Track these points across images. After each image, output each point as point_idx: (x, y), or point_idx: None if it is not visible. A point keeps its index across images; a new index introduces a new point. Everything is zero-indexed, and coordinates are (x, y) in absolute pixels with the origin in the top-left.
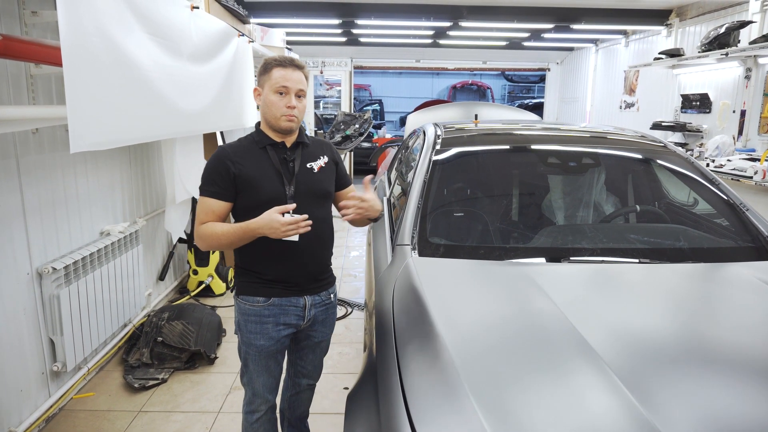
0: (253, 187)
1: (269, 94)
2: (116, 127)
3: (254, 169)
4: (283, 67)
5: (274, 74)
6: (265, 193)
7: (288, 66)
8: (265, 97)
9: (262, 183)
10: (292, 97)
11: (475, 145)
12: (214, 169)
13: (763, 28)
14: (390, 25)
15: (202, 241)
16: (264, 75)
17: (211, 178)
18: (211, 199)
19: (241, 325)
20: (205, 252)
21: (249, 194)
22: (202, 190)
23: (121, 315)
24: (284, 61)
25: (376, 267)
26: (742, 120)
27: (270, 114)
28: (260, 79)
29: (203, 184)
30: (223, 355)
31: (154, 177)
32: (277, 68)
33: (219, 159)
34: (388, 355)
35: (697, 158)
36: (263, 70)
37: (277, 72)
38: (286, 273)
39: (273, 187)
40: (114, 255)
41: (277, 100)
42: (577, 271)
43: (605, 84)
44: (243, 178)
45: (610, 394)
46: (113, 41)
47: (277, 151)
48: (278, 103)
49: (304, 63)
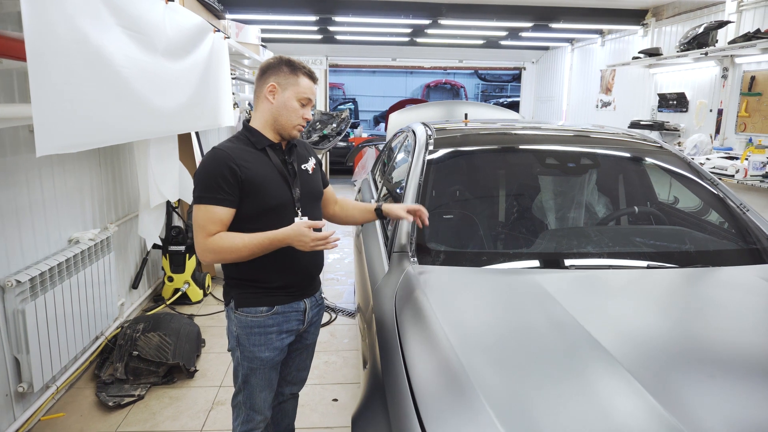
0: (261, 192)
1: (292, 99)
2: (87, 127)
3: (260, 173)
4: (310, 78)
5: (303, 83)
6: (273, 198)
7: (313, 78)
8: (286, 101)
9: (269, 187)
10: (309, 110)
11: (470, 145)
12: (218, 174)
13: (739, 29)
14: (368, 23)
15: (213, 254)
16: (288, 76)
17: (215, 183)
18: (218, 207)
19: (242, 340)
20: (180, 257)
21: (256, 199)
22: (203, 198)
23: (93, 328)
24: (310, 72)
25: (371, 275)
26: (719, 119)
27: (285, 119)
28: (281, 77)
29: (205, 191)
30: (203, 368)
31: (125, 179)
32: (306, 77)
33: (222, 162)
34: (396, 371)
35: None
36: (289, 70)
37: (305, 81)
38: (290, 278)
39: (281, 191)
40: (84, 264)
41: (298, 108)
42: (586, 276)
43: (581, 83)
44: (250, 183)
45: (632, 397)
46: (83, 33)
47: (276, 153)
48: (298, 112)
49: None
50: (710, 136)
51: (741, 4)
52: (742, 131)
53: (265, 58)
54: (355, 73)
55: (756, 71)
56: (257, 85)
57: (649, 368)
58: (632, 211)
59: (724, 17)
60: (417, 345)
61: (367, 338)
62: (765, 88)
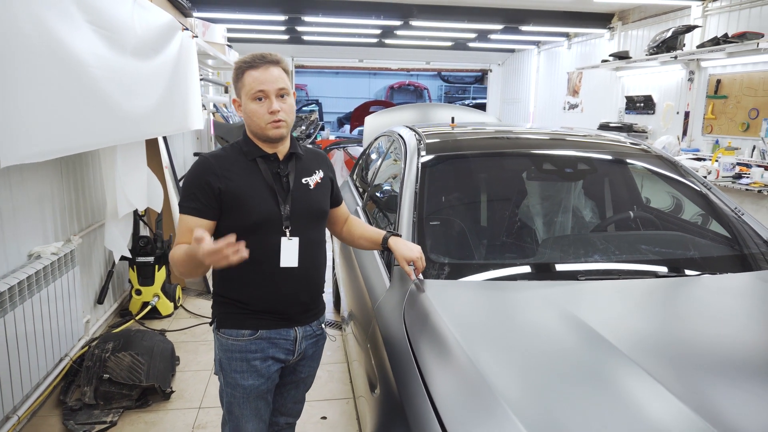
0: (243, 206)
1: (247, 102)
2: (54, 134)
3: (243, 185)
4: (254, 68)
5: (247, 79)
6: (257, 213)
7: (260, 65)
8: (245, 107)
9: (252, 201)
10: (273, 101)
11: (465, 150)
12: (194, 183)
13: (705, 34)
14: (338, 23)
15: (172, 266)
16: (238, 82)
17: (191, 192)
18: (189, 216)
19: (224, 364)
20: (149, 269)
21: (237, 214)
22: (181, 207)
23: (57, 349)
24: (255, 60)
25: (370, 291)
26: (686, 121)
27: (254, 125)
28: (236, 88)
29: (182, 200)
30: (180, 388)
31: (89, 187)
32: (249, 71)
33: (201, 171)
34: (416, 393)
35: None
36: (236, 76)
37: (249, 76)
38: (276, 303)
39: (266, 206)
40: (47, 281)
41: (257, 107)
42: (601, 286)
43: (548, 85)
44: (230, 195)
45: (660, 401)
46: (50, 30)
47: (269, 165)
48: (259, 111)
49: (279, 56)
50: (678, 138)
51: (706, 9)
52: (709, 133)
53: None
54: (318, 74)
55: (721, 74)
56: None
57: (673, 373)
58: (628, 217)
59: (690, 22)
60: (435, 364)
61: (374, 360)
62: (730, 91)
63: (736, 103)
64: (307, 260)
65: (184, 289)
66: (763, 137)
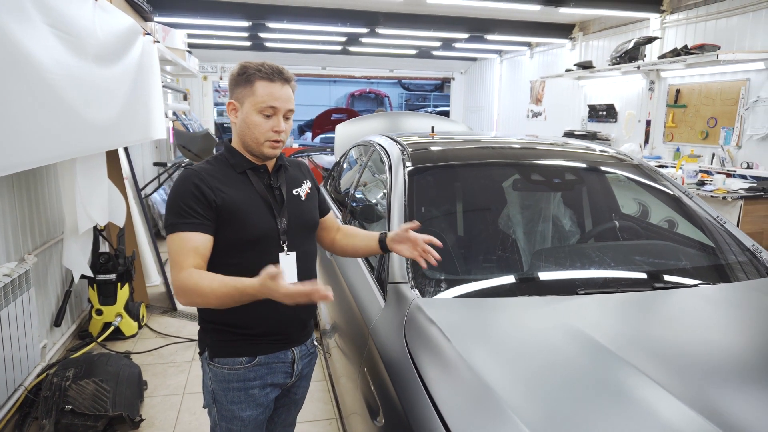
0: (239, 221)
1: (251, 113)
2: (12, 147)
3: (238, 199)
4: (269, 81)
5: (259, 89)
6: (255, 228)
7: (276, 79)
8: (245, 116)
9: (250, 216)
10: (280, 120)
11: (451, 160)
12: (190, 196)
13: (664, 45)
14: (302, 30)
15: (183, 296)
16: (244, 87)
17: (189, 206)
18: (192, 233)
19: (219, 396)
20: (111, 287)
21: (234, 230)
22: (175, 225)
23: (10, 380)
24: (271, 72)
25: (363, 310)
26: (647, 129)
27: (251, 137)
28: (237, 91)
29: (177, 217)
30: (150, 415)
31: (43, 201)
32: (263, 81)
33: (193, 184)
34: (427, 419)
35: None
36: (243, 80)
37: (262, 87)
38: (276, 324)
39: (263, 221)
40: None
41: (262, 122)
42: (602, 300)
43: (511, 93)
44: (227, 210)
45: (674, 411)
46: (6, 32)
47: (260, 177)
48: (263, 126)
49: (292, 75)
50: (640, 146)
51: (664, 22)
52: (670, 141)
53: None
54: None
55: (680, 84)
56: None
57: (684, 384)
58: (613, 226)
59: (649, 33)
60: (446, 388)
61: (373, 385)
62: (689, 101)
63: (695, 112)
64: (305, 274)
65: (148, 306)
66: (722, 145)
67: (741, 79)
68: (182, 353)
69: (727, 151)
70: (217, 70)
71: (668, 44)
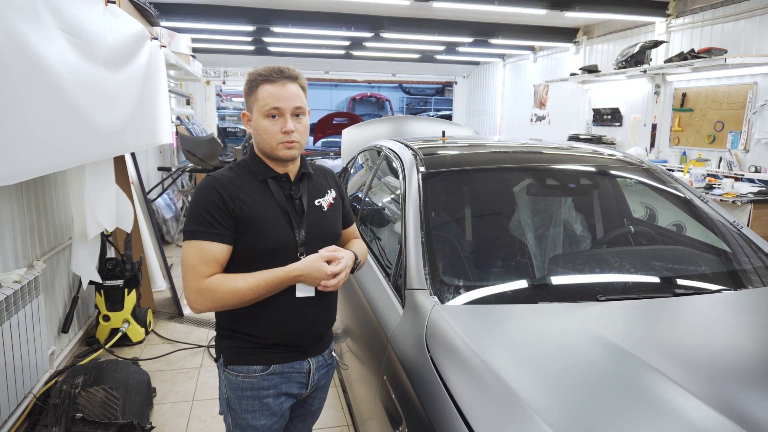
0: (258, 232)
1: (259, 119)
2: (28, 153)
3: (258, 208)
4: (270, 82)
5: (261, 93)
6: (273, 239)
7: (277, 80)
8: (255, 123)
9: (268, 226)
10: (287, 120)
11: (465, 165)
12: (212, 204)
13: (670, 49)
14: (307, 34)
15: (210, 301)
16: (251, 95)
17: (209, 215)
18: (212, 243)
19: (233, 404)
20: (118, 293)
21: (251, 240)
22: (195, 233)
23: (20, 388)
24: (271, 73)
25: (380, 318)
26: (653, 133)
27: (264, 143)
28: (247, 101)
29: (197, 224)
30: (160, 423)
31: (50, 207)
32: (264, 85)
33: (215, 192)
34: (455, 428)
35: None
36: (249, 89)
37: (263, 90)
38: (291, 335)
39: (281, 232)
40: (9, 313)
41: (270, 125)
42: (627, 306)
43: (514, 98)
44: (246, 219)
45: (706, 418)
46: (22, 37)
47: (281, 186)
48: (271, 129)
49: (297, 71)
50: (646, 150)
51: (670, 26)
52: (676, 145)
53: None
54: None
55: (687, 88)
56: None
57: (711, 388)
58: (629, 231)
59: (654, 37)
60: (473, 397)
61: (394, 394)
62: (696, 105)
63: (702, 116)
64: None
65: (155, 312)
66: (730, 149)
67: (748, 83)
68: (190, 360)
69: (735, 155)
70: (220, 75)
71: (674, 48)
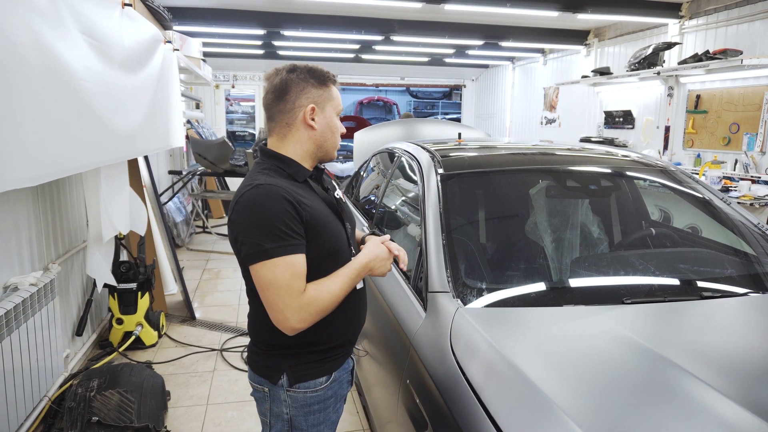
0: (324, 234)
1: (333, 117)
2: (49, 154)
3: (318, 211)
4: (335, 85)
5: (334, 93)
6: (336, 238)
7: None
8: (328, 121)
9: (329, 226)
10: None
11: (484, 167)
12: (286, 215)
13: (683, 50)
14: (317, 38)
15: (314, 314)
16: (322, 90)
17: (286, 227)
18: (298, 255)
19: (298, 423)
20: (131, 296)
21: (319, 243)
22: (277, 249)
23: (36, 391)
24: (333, 76)
25: (401, 320)
26: (666, 135)
27: (330, 143)
28: (316, 96)
29: (277, 240)
30: (174, 426)
31: (65, 209)
32: (333, 85)
33: (285, 201)
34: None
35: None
36: (318, 82)
37: (335, 90)
38: (348, 332)
39: (337, 229)
40: (26, 315)
41: (340, 126)
42: (650, 309)
43: (524, 100)
44: (315, 223)
45: (736, 417)
46: (44, 39)
47: (316, 184)
48: (341, 129)
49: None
50: (659, 152)
51: (683, 27)
52: (690, 147)
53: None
54: None
55: (701, 90)
56: (278, 109)
57: (741, 388)
58: (650, 233)
59: (667, 39)
60: (503, 401)
61: (419, 398)
62: (710, 106)
63: (717, 118)
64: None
65: (167, 315)
66: (746, 151)
67: (764, 84)
68: (203, 363)
69: (751, 157)
70: (229, 79)
71: (687, 50)
